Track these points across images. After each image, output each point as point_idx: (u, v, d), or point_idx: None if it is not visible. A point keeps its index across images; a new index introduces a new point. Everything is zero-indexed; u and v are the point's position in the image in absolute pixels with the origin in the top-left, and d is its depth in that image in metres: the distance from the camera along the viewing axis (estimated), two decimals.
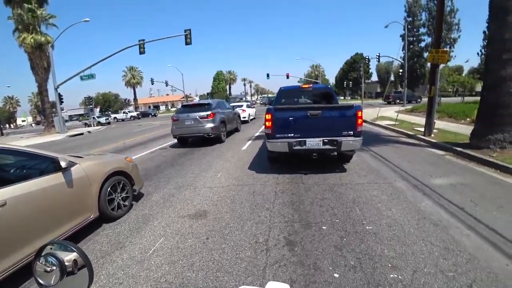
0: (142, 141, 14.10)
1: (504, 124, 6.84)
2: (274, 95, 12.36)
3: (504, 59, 6.78)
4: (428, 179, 5.25)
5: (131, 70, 63.78)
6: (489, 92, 7.13)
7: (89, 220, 3.76)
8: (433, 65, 9.60)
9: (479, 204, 4.06)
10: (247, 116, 19.06)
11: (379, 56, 34.02)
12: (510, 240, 3.09)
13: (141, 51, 22.01)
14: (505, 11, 6.67)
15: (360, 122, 5.56)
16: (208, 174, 6.51)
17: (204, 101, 12.40)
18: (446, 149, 7.67)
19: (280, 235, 3.45)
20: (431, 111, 9.55)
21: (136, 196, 4.96)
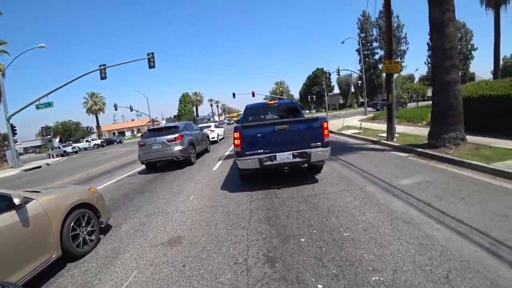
0: (108, 169, 13.36)
1: (455, 123, 7.46)
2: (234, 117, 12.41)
3: (447, 66, 7.50)
4: (395, 181, 5.48)
5: (93, 97, 61.21)
6: (438, 96, 7.77)
7: (51, 261, 3.40)
8: (388, 74, 10.33)
9: (444, 199, 4.31)
10: (216, 136, 18.93)
11: (338, 69, 36.07)
12: (475, 228, 3.30)
13: (102, 76, 21.29)
14: (443, 24, 7.46)
15: (327, 133, 5.73)
16: (180, 198, 6.27)
17: (171, 124, 12.12)
18: (408, 151, 8.14)
19: (259, 252, 3.35)
20: (391, 117, 10.16)
21: (103, 228, 4.61)
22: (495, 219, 3.50)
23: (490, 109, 8.81)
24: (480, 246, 2.93)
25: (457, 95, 7.49)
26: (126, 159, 17.39)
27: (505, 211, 3.70)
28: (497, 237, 3.07)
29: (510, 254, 2.74)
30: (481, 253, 2.80)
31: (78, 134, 68.84)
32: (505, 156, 5.99)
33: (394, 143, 9.43)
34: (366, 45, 55.48)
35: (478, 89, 9.59)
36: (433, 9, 7.66)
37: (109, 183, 9.38)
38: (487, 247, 2.90)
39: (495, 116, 8.64)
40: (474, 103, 9.20)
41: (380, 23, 51.80)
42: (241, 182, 6.82)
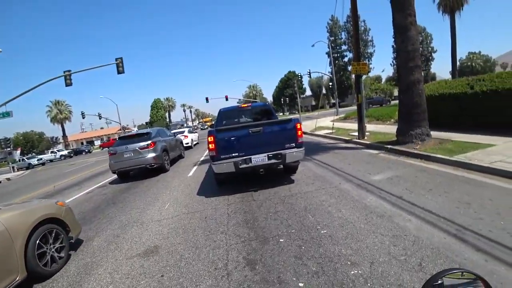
0: (77, 181, 12.66)
1: (420, 120, 7.91)
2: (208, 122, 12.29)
3: (411, 66, 7.96)
4: (368, 177, 5.69)
5: (57, 105, 57.67)
6: (404, 95, 8.21)
7: (15, 283, 3.12)
8: (357, 76, 10.74)
9: (413, 191, 4.54)
10: (190, 141, 18.63)
11: (310, 72, 36.93)
12: (443, 217, 3.51)
13: (68, 82, 20.19)
14: (406, 28, 7.92)
15: (300, 134, 5.84)
16: (155, 206, 6.07)
17: (142, 130, 11.73)
18: (379, 148, 8.49)
19: (239, 256, 3.32)
20: (361, 117, 10.56)
21: (73, 244, 4.35)
22: (459, 207, 3.74)
23: (450, 106, 9.43)
24: (448, 233, 3.11)
25: (421, 93, 7.95)
26: (96, 169, 16.59)
27: (467, 199, 3.97)
28: (462, 223, 3.28)
29: (474, 238, 2.94)
30: (449, 239, 2.98)
31: (42, 145, 64.76)
32: (465, 149, 6.43)
33: (365, 141, 9.80)
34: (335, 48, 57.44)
35: (439, 88, 10.24)
36: (396, 13, 8.11)
37: (78, 195, 8.89)
38: (454, 234, 3.08)
39: (455, 112, 9.27)
40: (436, 101, 9.81)
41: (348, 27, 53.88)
42: (217, 186, 6.74)
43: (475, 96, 8.45)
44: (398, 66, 8.76)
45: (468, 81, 9.24)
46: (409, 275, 2.48)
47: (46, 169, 28.26)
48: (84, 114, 44.36)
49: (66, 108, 58.86)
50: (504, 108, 7.64)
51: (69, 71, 20.43)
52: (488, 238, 2.91)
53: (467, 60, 68.24)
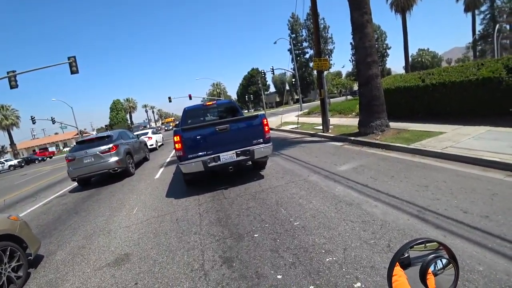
0: (31, 192, 11.61)
1: (379, 112, 8.39)
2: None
3: (368, 62, 8.40)
4: (335, 168, 5.93)
5: (2, 110, 52.07)
6: (363, 88, 8.65)
7: None
8: (319, 71, 11.09)
9: (377, 179, 4.82)
10: (155, 143, 17.98)
11: (273, 69, 37.37)
12: (405, 200, 3.78)
13: (12, 84, 18.30)
14: (363, 25, 8.33)
15: (267, 129, 5.90)
16: (122, 212, 5.78)
17: (103, 133, 11.06)
18: (342, 140, 8.87)
19: (215, 255, 3.28)
20: (325, 111, 10.94)
21: (33, 261, 3.99)
22: (419, 190, 4.05)
23: (405, 98, 10.13)
24: (410, 215, 3.36)
25: (379, 87, 8.43)
26: (52, 178, 15.35)
27: (425, 182, 4.31)
28: (422, 204, 3.56)
29: (434, 217, 3.21)
30: (412, 220, 3.22)
31: None
32: (420, 137, 6.96)
33: (329, 134, 10.19)
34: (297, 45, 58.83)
35: (395, 82, 10.94)
36: (353, 12, 8.49)
37: (34, 208, 8.16)
38: (416, 214, 3.34)
39: (409, 104, 9.97)
40: (392, 94, 10.46)
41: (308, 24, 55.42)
42: (186, 187, 6.59)
43: (426, 88, 9.16)
44: (357, 61, 9.20)
45: (420, 75, 9.98)
46: (379, 257, 2.64)
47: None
48: (34, 119, 40.65)
49: (12, 113, 53.34)
50: (451, 99, 8.39)
51: (13, 71, 18.57)
52: (445, 216, 3.20)
53: (417, 56, 73.68)
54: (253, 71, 71.97)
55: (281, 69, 48.62)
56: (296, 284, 2.48)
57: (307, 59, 60.72)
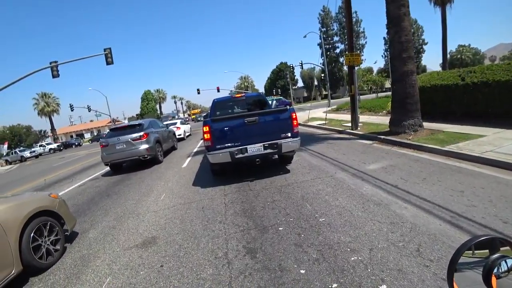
0: (68, 174, 12.44)
1: (412, 110, 8.00)
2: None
3: (404, 57, 8.00)
4: (363, 167, 5.75)
5: (44, 97, 56.02)
6: (397, 85, 8.27)
7: (10, 277, 3.06)
8: (350, 67, 10.75)
9: (408, 180, 4.62)
10: (183, 133, 18.45)
11: (302, 63, 36.79)
12: (438, 204, 3.59)
13: (54, 74, 19.58)
14: (399, 18, 7.92)
15: (296, 123, 5.83)
16: (150, 197, 6.02)
17: (134, 122, 11.55)
18: (372, 139, 8.58)
19: (238, 245, 3.33)
20: (354, 108, 10.62)
21: (69, 236, 4.29)
22: (453, 195, 3.82)
23: (441, 97, 9.56)
24: (443, 220, 3.18)
25: (413, 84, 8.02)
26: (87, 162, 16.32)
27: (460, 187, 4.06)
28: (456, 210, 3.36)
29: (469, 225, 3.02)
30: (445, 226, 3.05)
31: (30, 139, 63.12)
32: (456, 139, 6.55)
33: (358, 131, 9.88)
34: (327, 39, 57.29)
35: (431, 79, 10.35)
36: (389, 4, 8.09)
37: (71, 188, 8.75)
38: (449, 220, 3.16)
39: (446, 103, 9.41)
40: (428, 92, 9.92)
41: (340, 18, 53.76)
42: (213, 177, 6.72)
43: (466, 88, 8.58)
44: (391, 57, 8.79)
45: (460, 73, 9.35)
46: (408, 261, 2.54)
47: (35, 163, 27.69)
48: (72, 106, 43.25)
49: (53, 101, 57.30)
50: (494, 100, 7.79)
51: (55, 62, 19.81)
52: (481, 224, 3.00)
53: (457, 53, 69.15)
54: (282, 65, 71.19)
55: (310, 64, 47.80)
56: (319, 281, 2.46)
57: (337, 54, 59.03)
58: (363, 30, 54.30)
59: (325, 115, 15.60)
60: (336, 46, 59.50)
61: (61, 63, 20.27)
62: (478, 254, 0.80)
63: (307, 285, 2.43)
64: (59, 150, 42.37)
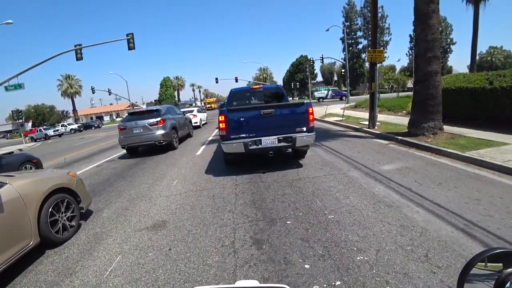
0: (86, 154, 12.90)
1: (434, 113, 7.73)
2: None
3: (429, 57, 7.69)
4: (377, 166, 5.65)
5: (68, 79, 57.87)
6: (419, 85, 7.99)
7: (28, 248, 3.24)
8: (372, 63, 10.46)
9: (423, 184, 4.50)
10: (199, 121, 18.64)
11: (322, 57, 36.01)
12: (451, 211, 3.48)
13: (78, 57, 20.16)
14: (427, 15, 7.59)
15: (312, 118, 5.77)
16: (163, 182, 6.17)
17: (152, 107, 11.77)
18: (389, 139, 8.38)
19: (246, 235, 3.38)
20: (373, 106, 10.37)
21: (84, 214, 4.48)
22: (469, 202, 3.70)
23: (466, 100, 9.18)
24: (456, 227, 3.10)
25: (437, 85, 7.72)
26: (105, 144, 16.83)
27: (477, 195, 3.92)
28: (471, 219, 3.26)
29: (483, 234, 2.92)
30: (457, 234, 2.97)
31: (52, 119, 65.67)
32: (478, 146, 6.30)
33: (375, 130, 9.67)
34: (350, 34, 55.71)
35: (456, 81, 9.93)
36: (418, 0, 7.76)
37: (88, 168, 9.07)
38: (462, 228, 3.07)
39: (470, 107, 9.03)
40: (452, 95, 9.54)
41: (365, 12, 52.06)
42: (225, 166, 6.79)
43: (494, 92, 8.17)
44: (416, 55, 8.47)
45: (488, 76, 8.91)
46: (414, 265, 2.50)
47: (57, 142, 28.81)
48: (94, 89, 44.51)
49: (76, 83, 59.07)
50: None
51: (80, 45, 20.33)
52: (496, 236, 2.89)
53: (487, 55, 65.80)
54: (302, 58, 70.10)
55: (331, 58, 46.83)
56: (323, 277, 2.46)
57: (360, 50, 57.41)
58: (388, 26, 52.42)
59: (343, 111, 15.33)
60: (359, 42, 57.82)
61: (85, 46, 20.78)
62: (491, 267, 0.77)
63: (311, 280, 2.44)
64: (79, 130, 43.91)
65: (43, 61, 20.54)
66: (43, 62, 20.63)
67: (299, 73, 69.88)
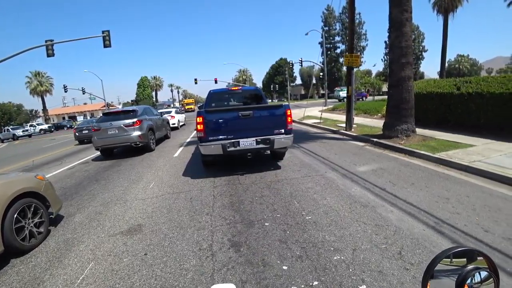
0: (57, 156, 12.27)
1: (407, 116, 8.06)
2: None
3: (403, 63, 8.03)
4: (353, 168, 5.80)
5: (38, 76, 54.63)
6: (393, 90, 8.31)
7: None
8: (349, 67, 10.76)
9: (397, 184, 4.68)
10: (177, 122, 18.36)
11: (301, 60, 36.62)
12: (423, 210, 3.65)
13: (49, 53, 19.12)
14: (401, 23, 7.93)
15: (290, 120, 5.84)
16: (139, 185, 5.98)
17: (128, 108, 11.40)
18: (365, 141, 8.64)
19: (224, 238, 3.34)
20: (350, 109, 10.65)
21: (53, 219, 4.26)
22: (439, 201, 3.88)
23: (436, 105, 9.65)
24: (427, 225, 3.24)
25: (410, 90, 8.07)
26: (78, 145, 16.11)
27: (447, 194, 4.13)
28: (441, 217, 3.42)
29: (451, 231, 3.07)
30: (428, 231, 3.10)
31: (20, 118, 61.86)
32: (447, 147, 6.64)
33: (352, 133, 9.94)
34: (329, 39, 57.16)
35: (427, 87, 10.42)
36: (393, 8, 8.08)
37: (59, 171, 8.63)
38: (433, 226, 3.21)
39: (440, 111, 9.50)
40: (423, 99, 10.00)
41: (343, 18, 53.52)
42: (203, 168, 6.71)
43: (461, 97, 8.66)
44: (390, 61, 8.82)
45: (456, 82, 9.44)
46: (389, 263, 2.58)
47: (24, 143, 27.20)
48: (66, 87, 42.38)
49: (47, 80, 56.01)
50: (487, 111, 7.89)
51: (51, 40, 19.35)
52: (463, 232, 3.06)
53: (455, 62, 69.69)
54: (281, 61, 70.85)
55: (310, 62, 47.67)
56: (301, 278, 2.48)
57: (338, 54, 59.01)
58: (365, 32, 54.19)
59: (321, 114, 15.63)
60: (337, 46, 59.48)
61: (57, 42, 19.82)
62: (456, 263, 0.81)
63: (289, 281, 2.45)
64: (50, 131, 41.67)
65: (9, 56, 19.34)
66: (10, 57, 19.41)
67: (279, 75, 70.58)
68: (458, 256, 0.81)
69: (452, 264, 0.81)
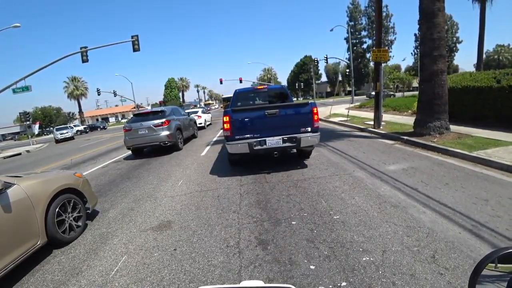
0: (92, 156, 13.01)
1: (440, 112, 7.65)
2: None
3: (435, 55, 7.62)
4: (383, 167, 5.61)
5: (74, 81, 58.55)
6: (425, 85, 7.91)
7: (36, 248, 3.28)
8: (376, 63, 10.40)
9: (429, 184, 4.46)
10: (203, 122, 18.73)
11: (327, 57, 35.86)
12: (459, 212, 3.44)
13: (84, 59, 20.37)
14: (433, 14, 7.52)
15: (317, 118, 5.75)
16: (168, 183, 6.19)
17: (157, 108, 11.83)
18: (394, 139, 8.31)
19: (251, 235, 3.37)
20: (378, 106, 10.30)
21: (90, 214, 4.50)
22: (477, 203, 3.65)
23: (473, 99, 9.07)
24: (463, 228, 3.06)
25: (443, 84, 7.65)
26: (111, 145, 16.97)
27: (485, 195, 3.87)
28: (479, 219, 3.21)
29: (491, 235, 2.88)
30: (465, 235, 2.93)
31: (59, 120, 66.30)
32: (485, 145, 6.21)
33: (381, 130, 9.60)
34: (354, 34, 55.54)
35: (463, 80, 9.82)
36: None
37: (94, 169, 9.15)
38: (470, 229, 3.03)
39: (477, 107, 8.91)
40: (458, 94, 9.44)
41: (369, 12, 51.82)
42: (230, 167, 6.80)
43: (501, 91, 8.07)
44: (421, 54, 8.40)
45: (495, 75, 8.80)
46: (421, 266, 2.47)
47: (63, 143, 29.10)
48: (99, 91, 44.79)
49: (82, 85, 59.73)
50: None
51: (85, 47, 20.55)
52: (504, 236, 2.85)
53: (494, 53, 64.99)
54: (306, 59, 69.87)
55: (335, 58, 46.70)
56: (329, 278, 2.45)
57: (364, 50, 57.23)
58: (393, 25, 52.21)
59: (347, 111, 15.25)
60: (364, 41, 57.72)
61: (91, 48, 21.01)
62: (501, 268, 0.75)
63: (316, 281, 2.43)
64: (85, 132, 44.28)
65: (49, 63, 20.79)
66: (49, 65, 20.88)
67: (304, 73, 69.67)
68: (504, 260, 0.75)
69: (498, 269, 0.75)
